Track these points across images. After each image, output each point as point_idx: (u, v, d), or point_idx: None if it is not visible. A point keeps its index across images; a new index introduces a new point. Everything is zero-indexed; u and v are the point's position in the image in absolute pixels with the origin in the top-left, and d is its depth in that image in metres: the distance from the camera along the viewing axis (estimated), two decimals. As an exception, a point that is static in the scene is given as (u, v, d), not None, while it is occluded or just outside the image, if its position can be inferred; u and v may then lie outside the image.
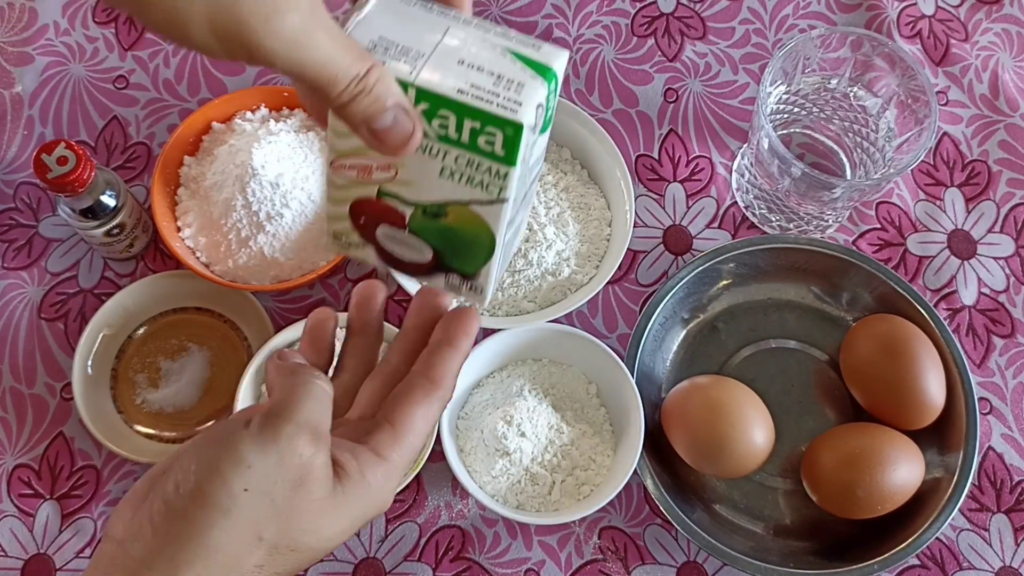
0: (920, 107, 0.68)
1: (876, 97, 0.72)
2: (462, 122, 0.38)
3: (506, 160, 0.39)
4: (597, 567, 0.69)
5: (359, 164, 0.42)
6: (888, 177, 0.67)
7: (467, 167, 0.40)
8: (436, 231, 0.43)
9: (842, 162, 0.76)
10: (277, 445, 0.39)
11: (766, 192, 0.74)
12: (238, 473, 0.38)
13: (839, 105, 0.74)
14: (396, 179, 0.42)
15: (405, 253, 0.45)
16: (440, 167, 0.40)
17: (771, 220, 0.75)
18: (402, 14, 0.40)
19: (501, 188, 0.40)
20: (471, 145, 0.39)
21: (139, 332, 0.72)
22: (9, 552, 0.68)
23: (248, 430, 0.39)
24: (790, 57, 0.69)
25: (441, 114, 0.38)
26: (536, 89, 0.38)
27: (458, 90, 0.38)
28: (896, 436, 0.66)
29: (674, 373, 0.72)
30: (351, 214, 0.44)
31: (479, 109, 0.38)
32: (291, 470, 0.39)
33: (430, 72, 0.38)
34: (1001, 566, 0.69)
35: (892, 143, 0.71)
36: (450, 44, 0.39)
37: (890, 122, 0.71)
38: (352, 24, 0.39)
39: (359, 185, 0.43)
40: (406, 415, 0.43)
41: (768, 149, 0.68)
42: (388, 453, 0.42)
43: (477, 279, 0.45)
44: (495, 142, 0.38)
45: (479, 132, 0.38)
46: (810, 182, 0.67)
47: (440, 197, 0.42)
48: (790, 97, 0.74)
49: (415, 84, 0.38)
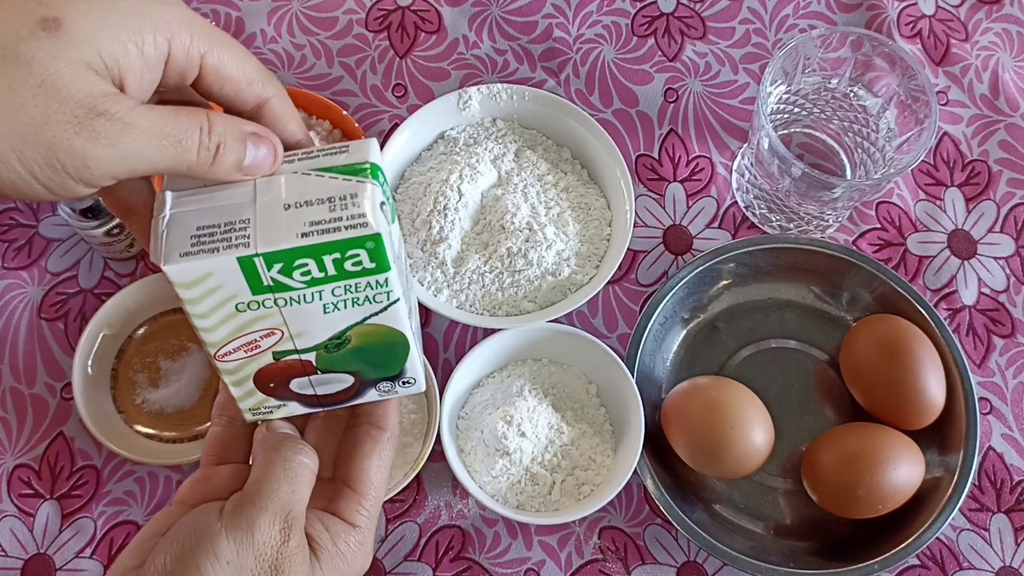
0: (920, 107, 0.68)
1: (876, 97, 0.72)
2: (321, 260, 0.38)
3: (379, 269, 0.39)
4: (597, 567, 0.69)
5: (242, 344, 0.41)
6: (888, 177, 0.67)
7: (347, 293, 0.40)
8: (347, 359, 0.43)
9: (842, 162, 0.76)
10: (252, 538, 0.39)
11: (766, 192, 0.74)
12: (216, 570, 0.39)
13: (839, 105, 0.74)
14: (284, 338, 0.41)
15: (328, 390, 0.45)
16: (322, 307, 0.40)
17: (771, 220, 0.75)
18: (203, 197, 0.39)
19: (388, 293, 0.40)
20: (341, 275, 0.39)
21: (139, 332, 0.72)
22: (9, 552, 0.68)
23: (222, 522, 0.40)
24: (790, 57, 0.69)
25: (298, 264, 0.38)
26: (369, 191, 0.38)
27: (301, 235, 0.37)
28: (896, 436, 0.66)
29: (674, 373, 0.72)
30: (258, 387, 0.44)
31: (331, 242, 0.37)
32: (267, 559, 0.40)
33: (265, 234, 0.37)
34: (1001, 566, 0.69)
35: (892, 143, 0.71)
36: (266, 199, 0.38)
37: (890, 122, 0.71)
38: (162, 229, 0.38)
39: (251, 360, 0.42)
40: (362, 472, 0.44)
41: (768, 149, 0.68)
42: (355, 519, 0.43)
43: (405, 374, 0.45)
44: (362, 260, 0.38)
45: (343, 260, 0.38)
46: (810, 182, 0.67)
47: (335, 330, 0.41)
48: (790, 97, 0.74)
49: (259, 254, 0.37)
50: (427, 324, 0.73)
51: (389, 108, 0.79)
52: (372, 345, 0.43)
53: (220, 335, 0.40)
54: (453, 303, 0.68)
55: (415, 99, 0.79)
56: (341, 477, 0.44)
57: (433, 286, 0.68)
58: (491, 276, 0.68)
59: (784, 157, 0.66)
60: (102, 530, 0.68)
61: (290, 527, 0.40)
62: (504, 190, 0.70)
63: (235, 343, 0.41)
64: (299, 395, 0.45)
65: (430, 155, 0.73)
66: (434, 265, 0.69)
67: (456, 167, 0.69)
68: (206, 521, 0.40)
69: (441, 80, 0.80)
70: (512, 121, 0.74)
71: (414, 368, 0.45)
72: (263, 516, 0.40)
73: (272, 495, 0.41)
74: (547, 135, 0.74)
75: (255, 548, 0.39)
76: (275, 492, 0.41)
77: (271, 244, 0.37)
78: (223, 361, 0.42)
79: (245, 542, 0.39)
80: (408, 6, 0.82)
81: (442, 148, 0.73)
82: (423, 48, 0.81)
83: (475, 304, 0.69)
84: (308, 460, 0.43)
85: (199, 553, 0.39)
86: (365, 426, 0.45)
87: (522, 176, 0.70)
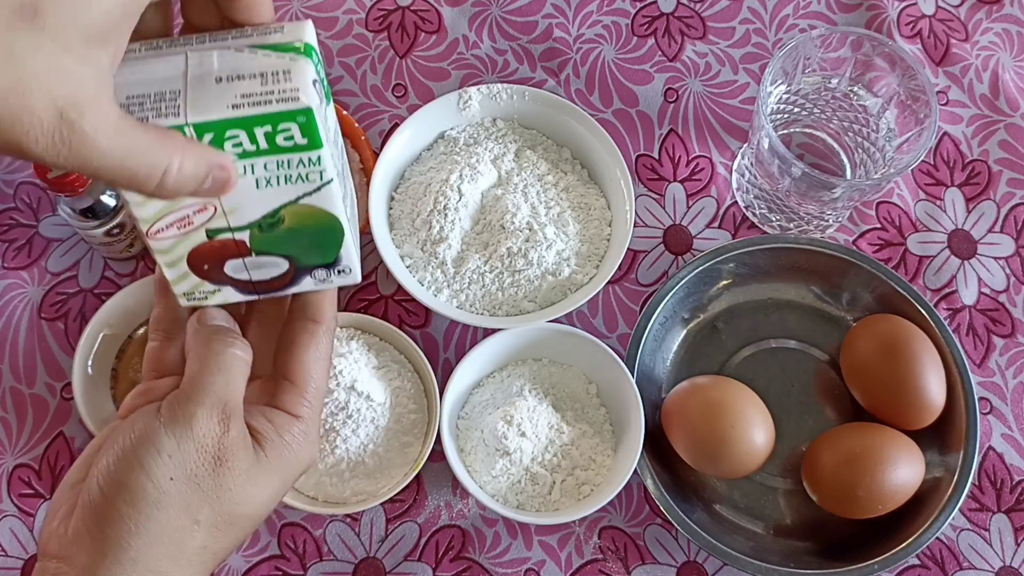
0: (920, 107, 0.68)
1: (876, 97, 0.72)
2: (253, 133, 0.38)
3: (311, 146, 0.39)
4: (597, 567, 0.69)
5: (175, 220, 0.41)
6: (888, 177, 0.67)
7: (279, 168, 0.40)
8: (281, 240, 0.43)
9: (842, 162, 0.76)
10: (191, 431, 0.40)
11: (766, 192, 0.74)
12: (159, 464, 0.40)
13: (839, 105, 0.74)
14: (217, 214, 0.41)
15: (263, 275, 0.45)
16: (255, 181, 0.40)
17: (771, 220, 0.75)
18: (134, 68, 0.38)
19: (321, 172, 0.40)
20: (273, 149, 0.39)
21: (139, 332, 0.72)
22: (9, 552, 0.68)
23: (160, 419, 0.40)
24: (790, 57, 0.69)
25: (230, 135, 0.38)
26: (303, 68, 0.38)
27: (232, 106, 0.37)
28: (896, 436, 0.66)
29: (674, 373, 0.72)
30: (191, 268, 0.43)
31: (262, 114, 0.38)
32: (209, 451, 0.40)
33: (196, 105, 0.37)
34: (1001, 566, 0.69)
35: (892, 143, 0.71)
36: (198, 71, 0.38)
37: (890, 122, 0.71)
38: None
39: (184, 238, 0.42)
40: (300, 364, 0.44)
41: (768, 149, 0.68)
42: (298, 410, 0.44)
43: (340, 262, 0.45)
44: (294, 135, 0.38)
45: (274, 133, 0.38)
46: (810, 182, 0.67)
47: (268, 208, 0.41)
48: (790, 97, 0.74)
49: (190, 124, 0.37)
50: (427, 324, 0.73)
51: (389, 108, 0.79)
52: (306, 228, 0.42)
53: (152, 210, 0.40)
54: (453, 303, 0.68)
55: (415, 99, 0.79)
56: (281, 372, 0.45)
57: (433, 286, 0.68)
58: (491, 276, 0.68)
59: (784, 157, 0.66)
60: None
61: (228, 418, 0.41)
62: (504, 190, 0.70)
63: (167, 219, 0.41)
64: (234, 280, 0.44)
65: (430, 155, 0.73)
66: (434, 265, 0.69)
67: (456, 167, 0.69)
68: (144, 421, 0.41)
69: (441, 80, 0.80)
70: (512, 121, 0.74)
71: (349, 257, 0.45)
72: (200, 410, 0.41)
73: (207, 389, 0.41)
74: (547, 135, 0.74)
75: (195, 440, 0.40)
76: (210, 386, 0.41)
77: (201, 115, 0.37)
78: (156, 239, 0.42)
79: (185, 436, 0.40)
80: (408, 6, 0.82)
81: (442, 148, 0.73)
82: (423, 48, 0.81)
83: (475, 304, 0.69)
84: (241, 352, 0.43)
85: (141, 450, 0.40)
86: (301, 320, 0.45)
87: (522, 176, 0.70)
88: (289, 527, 0.69)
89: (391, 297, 0.74)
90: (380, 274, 0.74)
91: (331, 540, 0.69)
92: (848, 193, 0.68)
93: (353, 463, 0.65)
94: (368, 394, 0.65)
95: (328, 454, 0.65)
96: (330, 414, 0.64)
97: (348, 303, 0.74)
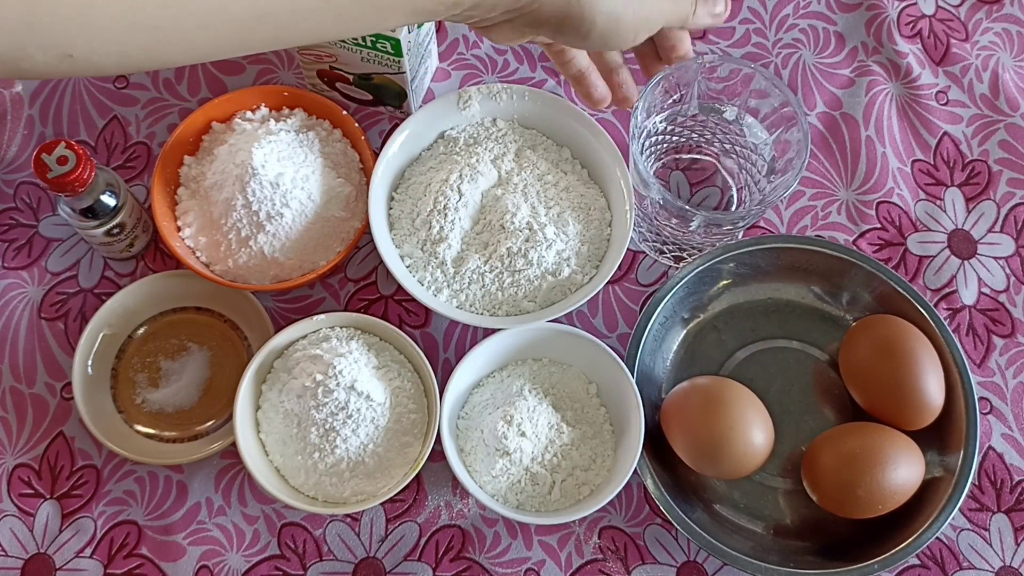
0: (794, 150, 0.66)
1: (764, 130, 0.70)
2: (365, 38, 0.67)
3: (395, 53, 0.69)
4: (597, 567, 0.69)
5: (312, 54, 0.72)
6: (757, 213, 0.65)
7: (375, 57, 0.70)
8: (370, 87, 0.74)
9: (731, 189, 0.74)
10: None
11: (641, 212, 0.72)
12: None
13: (724, 130, 0.72)
14: (337, 61, 0.71)
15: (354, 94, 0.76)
16: (360, 57, 0.70)
17: (648, 239, 0.74)
18: None
19: (399, 66, 0.70)
20: (373, 46, 0.68)
21: (139, 332, 0.72)
22: (9, 552, 0.68)
23: None
24: (668, 84, 0.67)
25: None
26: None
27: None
28: (896, 436, 0.66)
29: (674, 373, 0.72)
30: (318, 76, 0.74)
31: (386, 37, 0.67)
32: None
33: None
34: (1001, 566, 0.70)
35: (769, 177, 0.69)
36: None
37: (765, 155, 0.69)
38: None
39: (317, 63, 0.72)
40: None
41: (632, 168, 0.67)
42: None
43: (403, 109, 0.76)
44: (387, 46, 0.68)
45: (376, 40, 0.68)
46: (669, 208, 0.66)
47: (365, 71, 0.72)
48: (669, 127, 0.72)
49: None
50: (427, 324, 0.73)
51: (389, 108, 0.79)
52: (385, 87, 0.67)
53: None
54: (453, 303, 0.68)
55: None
56: None
57: (433, 286, 0.68)
58: (491, 276, 0.68)
59: (646, 181, 0.65)
60: (102, 530, 0.68)
61: None
62: (504, 190, 0.70)
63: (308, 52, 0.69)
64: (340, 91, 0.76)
65: (430, 155, 0.73)
66: (434, 265, 0.69)
67: (456, 167, 0.69)
68: None
69: (441, 80, 0.80)
70: (512, 121, 0.74)
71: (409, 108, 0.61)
72: None
73: None
74: (547, 135, 0.74)
75: None
76: None
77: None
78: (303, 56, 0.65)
79: None
80: (408, 6, 0.81)
81: (442, 148, 0.73)
82: (423, 48, 0.80)
83: (475, 304, 0.69)
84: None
85: None
86: None
87: (522, 176, 0.70)
88: (289, 527, 0.69)
89: (391, 297, 0.74)
90: (380, 274, 0.74)
91: (331, 540, 0.69)
92: (704, 227, 0.67)
93: (353, 463, 0.65)
94: (368, 394, 0.65)
95: (328, 454, 0.65)
96: (330, 414, 0.64)
97: (348, 303, 0.74)
